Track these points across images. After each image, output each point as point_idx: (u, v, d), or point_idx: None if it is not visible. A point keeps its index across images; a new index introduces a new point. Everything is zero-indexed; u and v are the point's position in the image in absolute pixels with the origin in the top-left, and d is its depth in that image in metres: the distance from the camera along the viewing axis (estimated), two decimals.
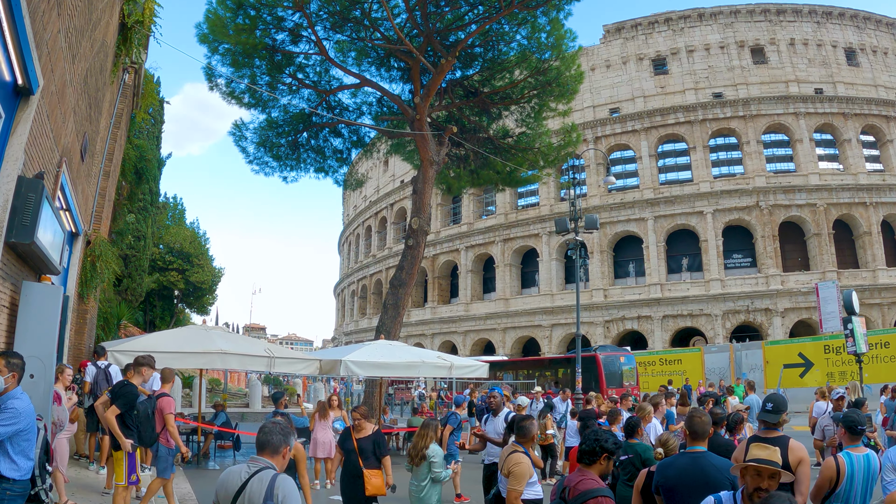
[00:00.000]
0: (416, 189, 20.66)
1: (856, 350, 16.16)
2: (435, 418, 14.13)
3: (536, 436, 6.62)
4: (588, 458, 4.58)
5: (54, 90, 5.46)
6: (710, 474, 4.78)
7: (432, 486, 7.40)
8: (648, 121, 52.90)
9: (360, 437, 7.63)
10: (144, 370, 8.85)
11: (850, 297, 16.39)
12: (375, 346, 15.35)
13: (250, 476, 3.93)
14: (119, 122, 11.93)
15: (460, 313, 59.25)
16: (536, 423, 6.57)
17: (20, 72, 4.35)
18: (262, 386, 29.46)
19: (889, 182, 47.61)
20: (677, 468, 4.94)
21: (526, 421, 6.52)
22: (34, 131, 4.98)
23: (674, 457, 5.17)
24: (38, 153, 5.37)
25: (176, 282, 38.33)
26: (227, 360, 12.14)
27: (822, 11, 53.36)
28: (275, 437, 4.05)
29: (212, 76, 20.21)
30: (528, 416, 6.72)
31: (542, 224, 54.88)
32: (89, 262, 10.84)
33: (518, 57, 20.46)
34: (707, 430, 5.16)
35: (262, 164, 22.46)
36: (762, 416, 5.90)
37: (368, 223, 75.98)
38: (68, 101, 6.26)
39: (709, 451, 5.06)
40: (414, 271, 20.37)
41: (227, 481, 3.99)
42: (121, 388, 8.65)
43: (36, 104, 4.70)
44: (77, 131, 7.35)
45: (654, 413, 9.55)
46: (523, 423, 6.47)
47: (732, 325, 46.56)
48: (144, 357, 9.11)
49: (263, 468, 3.97)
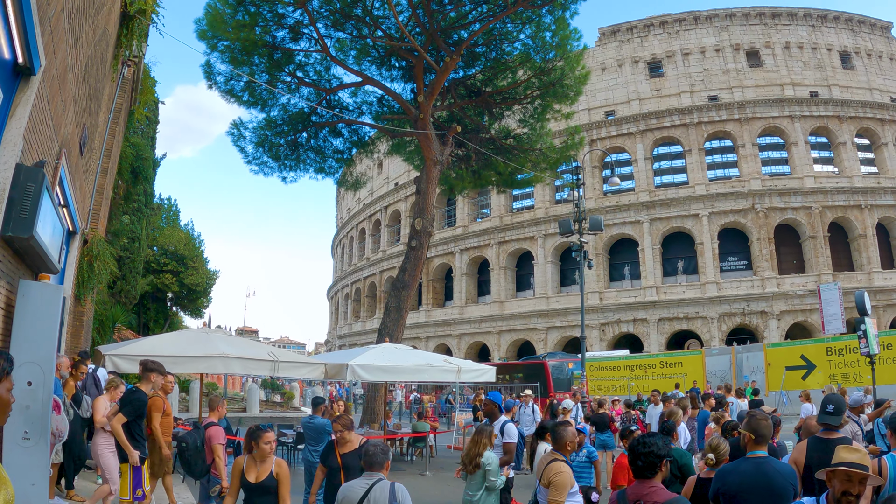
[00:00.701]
0: (419, 189, 20.33)
1: (869, 351, 15.91)
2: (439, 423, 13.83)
3: (574, 443, 6.26)
4: (649, 471, 4.25)
5: (55, 74, 5.14)
6: (774, 481, 4.51)
7: (487, 495, 6.96)
8: (644, 123, 52.82)
9: (344, 453, 6.95)
10: (153, 376, 8.41)
11: (863, 297, 16.16)
12: (381, 350, 14.97)
13: (370, 486, 4.98)
14: (117, 118, 11.59)
15: (455, 316, 58.95)
16: (573, 430, 6.23)
17: (21, 49, 4.03)
18: (259, 390, 28.99)
19: (884, 185, 47.70)
20: (740, 474, 4.63)
21: (561, 427, 6.10)
22: (34, 117, 4.66)
23: (735, 462, 4.84)
24: (38, 141, 5.04)
25: (170, 284, 37.88)
26: (230, 364, 11.69)
27: (817, 15, 53.45)
28: (379, 457, 5.16)
29: (210, 73, 19.88)
30: (565, 422, 6.31)
31: (538, 227, 54.72)
32: (86, 262, 10.48)
33: (521, 56, 20.17)
34: (770, 434, 4.89)
35: (260, 164, 22.12)
36: (823, 419, 5.69)
37: (362, 226, 75.60)
38: (69, 88, 5.94)
39: (771, 457, 4.80)
40: (417, 273, 20.03)
41: (349, 493, 5.05)
42: (129, 395, 8.17)
43: (37, 86, 4.38)
44: (77, 123, 7.03)
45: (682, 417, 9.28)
46: (559, 429, 6.06)
47: (728, 327, 46.46)
48: (153, 362, 8.70)
49: (380, 479, 5.05)
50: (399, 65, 21.64)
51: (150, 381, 8.38)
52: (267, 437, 6.12)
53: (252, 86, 20.02)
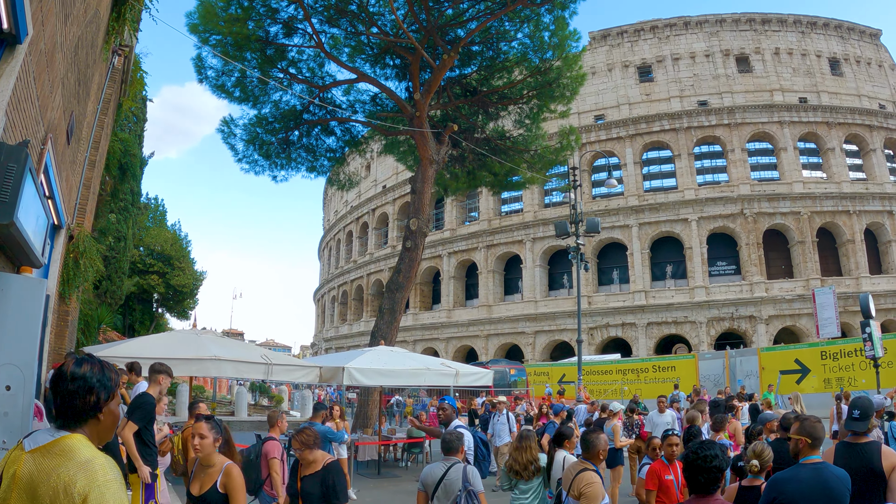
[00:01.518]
0: (414, 189, 19.91)
1: (874, 354, 15.72)
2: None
3: (607, 451, 5.88)
4: (713, 486, 3.87)
5: (43, 49, 4.75)
6: (833, 487, 4.19)
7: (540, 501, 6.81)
8: (633, 128, 52.81)
9: (305, 475, 5.80)
10: (162, 378, 7.90)
11: (867, 300, 15.98)
12: (377, 353, 14.51)
13: (448, 468, 5.73)
14: (106, 109, 11.15)
15: (442, 320, 58.62)
16: (606, 438, 5.85)
17: (6, 13, 3.64)
18: (248, 393, 28.41)
19: (872, 191, 47.91)
20: (799, 482, 4.28)
21: (593, 434, 5.71)
22: (18, 92, 4.27)
23: (792, 470, 4.49)
24: (22, 121, 4.64)
25: (156, 285, 37.28)
26: (222, 367, 11.25)
27: (807, 21, 53.71)
28: (455, 443, 5.92)
29: (201, 68, 19.41)
30: (596, 429, 5.90)
31: (526, 230, 54.57)
32: (72, 259, 10.02)
33: (519, 56, 19.86)
34: (823, 437, 4.59)
35: (251, 162, 21.61)
36: (850, 426, 5.36)
37: (349, 228, 75.15)
38: (57, 68, 5.55)
39: (827, 462, 4.50)
40: (412, 274, 19.58)
41: (431, 473, 5.82)
42: (138, 399, 7.56)
43: (22, 58, 4.00)
44: (64, 107, 6.63)
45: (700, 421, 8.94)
46: (590, 437, 5.66)
47: (717, 332, 46.44)
48: (161, 364, 8.21)
49: (456, 462, 5.79)
50: (393, 63, 21.27)
51: (158, 383, 7.89)
52: (200, 429, 4.81)
53: (243, 82, 19.58)
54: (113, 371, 2.57)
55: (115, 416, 2.51)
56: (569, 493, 5.49)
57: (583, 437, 5.79)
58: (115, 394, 2.52)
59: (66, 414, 2.35)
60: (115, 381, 2.55)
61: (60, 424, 2.35)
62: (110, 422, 2.47)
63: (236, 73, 19.66)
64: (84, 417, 2.36)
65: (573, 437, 7.28)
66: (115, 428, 2.57)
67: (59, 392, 2.36)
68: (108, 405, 2.44)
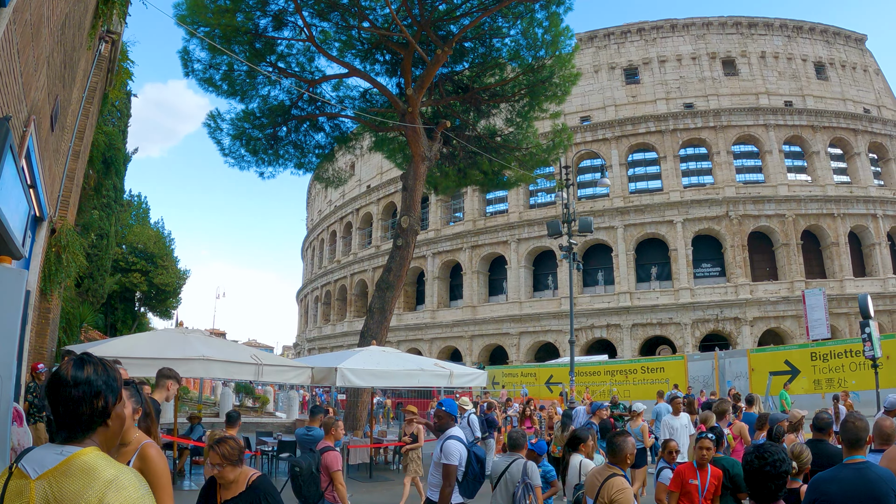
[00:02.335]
0: (405, 186, 19.52)
1: (874, 354, 15.57)
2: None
3: (634, 455, 5.54)
4: (781, 492, 3.56)
5: (29, 20, 4.40)
6: (877, 488, 3.92)
7: None
8: (619, 130, 52.77)
9: (226, 500, 4.61)
10: (170, 384, 7.29)
11: (866, 300, 15.80)
12: (369, 353, 14.12)
13: (510, 463, 6.29)
14: (92, 98, 10.72)
15: (426, 320, 58.28)
16: (632, 441, 5.50)
17: None
18: (232, 395, 27.88)
19: (856, 194, 48.24)
20: (841, 483, 4.02)
21: (620, 437, 5.35)
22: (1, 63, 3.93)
23: (833, 470, 4.22)
24: (3, 97, 4.29)
25: (139, 284, 36.68)
26: (210, 368, 10.79)
27: (793, 26, 54.00)
28: (520, 441, 6.52)
29: (188, 60, 18.93)
30: (623, 432, 5.51)
31: (511, 231, 54.38)
32: (54, 253, 9.58)
33: (512, 53, 19.58)
34: (866, 436, 4.32)
35: (237, 157, 21.12)
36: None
37: (333, 228, 74.63)
38: (43, 44, 5.18)
39: (870, 461, 4.23)
40: (403, 273, 19.18)
41: (496, 466, 6.43)
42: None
43: (6, 24, 3.65)
44: (49, 90, 6.26)
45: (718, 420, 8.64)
46: (618, 440, 5.31)
47: (702, 333, 46.48)
48: (169, 369, 7.70)
49: (518, 458, 6.33)
50: (384, 59, 20.93)
51: (166, 389, 7.28)
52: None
53: (231, 75, 19.15)
54: (116, 370, 2.26)
55: (123, 419, 2.24)
56: (596, 500, 5.15)
57: (609, 441, 5.46)
58: (121, 395, 2.23)
59: (72, 424, 2.06)
60: (121, 381, 2.25)
61: (66, 437, 2.05)
62: (118, 427, 2.20)
63: (224, 66, 19.23)
64: (92, 426, 2.08)
65: (589, 440, 6.97)
66: (121, 433, 2.29)
67: (61, 399, 2.05)
68: (116, 409, 2.17)
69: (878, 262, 47.31)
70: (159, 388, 7.32)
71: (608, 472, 5.20)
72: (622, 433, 5.49)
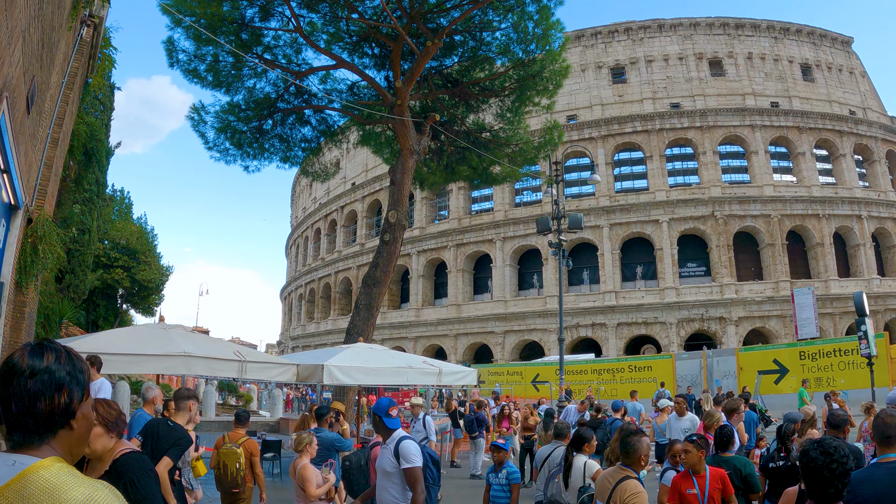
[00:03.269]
0: (393, 180, 19.17)
1: (869, 352, 15.45)
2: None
3: (648, 457, 5.25)
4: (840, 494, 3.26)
5: None
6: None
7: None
8: (605, 129, 52.75)
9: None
10: (192, 405, 6.88)
11: (861, 298, 15.72)
12: (357, 350, 13.76)
13: (553, 449, 7.10)
14: (72, 84, 10.31)
15: (411, 319, 58.02)
16: (647, 441, 5.21)
17: None
18: (215, 393, 27.41)
19: (841, 195, 48.52)
20: (874, 483, 3.72)
21: (634, 437, 5.02)
22: None
23: (866, 470, 3.96)
24: None
25: (121, 280, 36.09)
26: (192, 365, 10.32)
27: (780, 27, 54.22)
28: (564, 431, 7.36)
29: (173, 51, 18.50)
30: (637, 431, 5.19)
31: (496, 229, 54.24)
32: (30, 244, 9.20)
33: (502, 47, 19.29)
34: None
35: (222, 151, 20.64)
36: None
37: (318, 226, 74.16)
38: (17, 16, 4.86)
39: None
40: (390, 269, 18.83)
41: (541, 453, 7.28)
42: (172, 432, 6.27)
43: None
44: (25, 67, 5.92)
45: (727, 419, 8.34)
46: (632, 440, 4.97)
47: (687, 333, 46.55)
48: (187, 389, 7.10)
49: (560, 446, 7.03)
50: (372, 52, 20.60)
51: (188, 411, 6.80)
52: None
53: (217, 66, 18.72)
54: (83, 361, 1.85)
55: (90, 421, 1.81)
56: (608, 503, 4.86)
57: (622, 441, 5.12)
58: (88, 391, 1.78)
59: (27, 424, 1.63)
60: (88, 373, 1.79)
61: (18, 442, 1.62)
62: (85, 430, 1.77)
63: (209, 57, 18.81)
64: (53, 428, 1.66)
65: (593, 439, 6.72)
66: (88, 438, 1.85)
67: (14, 393, 1.63)
68: (82, 408, 1.74)
69: (862, 262, 47.62)
70: (180, 412, 6.77)
71: (621, 474, 4.90)
72: (637, 432, 5.14)
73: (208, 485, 9.04)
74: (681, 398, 11.83)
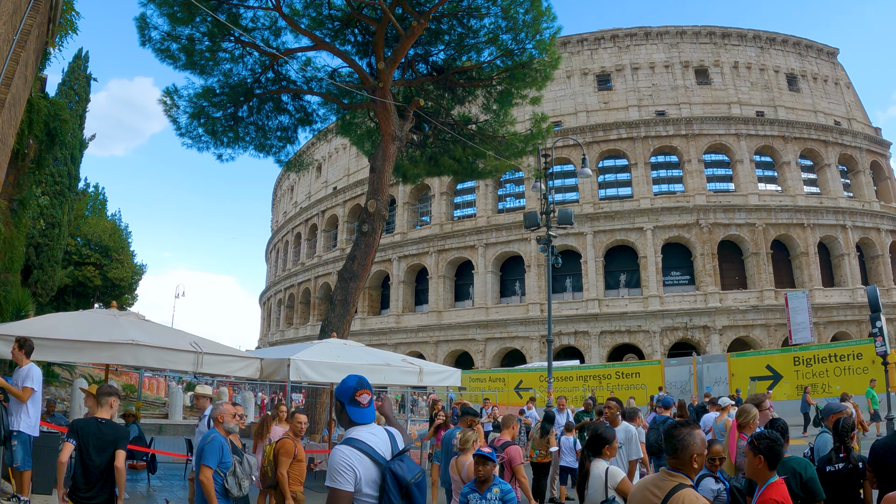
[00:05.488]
0: (373, 167, 18.19)
1: (885, 350, 14.72)
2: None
3: (704, 457, 3.76)
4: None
5: None
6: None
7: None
8: (590, 135, 52.33)
9: None
10: (113, 401, 6.68)
11: (875, 293, 15.01)
12: (328, 345, 12.67)
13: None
14: (25, 41, 9.38)
15: (391, 325, 57.16)
16: (702, 434, 3.75)
17: None
18: (183, 395, 26.20)
19: (826, 205, 48.45)
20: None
21: (684, 429, 3.70)
22: None
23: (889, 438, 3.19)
24: None
25: (92, 277, 34.97)
26: (140, 355, 9.21)
27: (766, 37, 54.27)
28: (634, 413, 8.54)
29: (145, 27, 17.48)
30: (688, 422, 3.83)
31: (479, 235, 53.63)
32: None
33: (490, 35, 18.51)
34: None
35: (194, 137, 19.59)
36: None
37: (298, 230, 73.20)
38: None
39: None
40: (368, 262, 17.79)
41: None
42: (100, 428, 6.39)
43: None
44: None
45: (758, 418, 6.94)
46: (679, 433, 3.67)
47: (671, 341, 46.10)
48: (109, 386, 6.91)
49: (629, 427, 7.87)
50: (355, 39, 19.75)
51: (109, 406, 6.60)
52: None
53: (191, 47, 17.76)
54: None
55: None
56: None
57: (668, 435, 3.78)
58: None
59: None
60: None
61: None
62: None
63: (184, 39, 17.89)
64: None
65: (615, 441, 5.55)
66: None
67: None
68: None
69: (846, 272, 47.47)
70: (102, 407, 6.62)
71: (670, 482, 3.57)
72: (687, 423, 3.82)
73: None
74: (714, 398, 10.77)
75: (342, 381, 3.72)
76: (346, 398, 3.60)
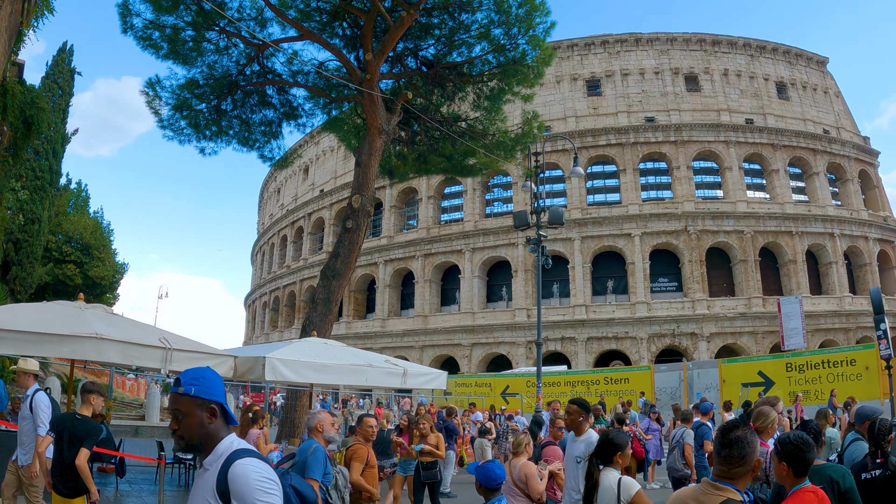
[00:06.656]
0: (359, 162, 17.68)
1: (889, 354, 14.36)
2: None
3: (762, 462, 3.37)
4: None
5: None
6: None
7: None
8: (579, 141, 51.96)
9: None
10: (93, 398, 6.85)
11: (879, 295, 14.73)
12: (307, 344, 12.06)
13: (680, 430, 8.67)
14: None
15: (377, 329, 56.59)
16: (758, 443, 3.18)
17: None
18: (160, 396, 25.53)
19: (814, 213, 48.55)
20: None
21: (740, 431, 3.15)
22: None
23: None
24: None
25: (73, 275, 34.26)
26: (104, 350, 8.56)
27: (756, 45, 54.40)
28: (689, 415, 9.14)
29: (127, 14, 16.93)
30: (743, 424, 3.25)
31: (466, 240, 53.25)
32: None
33: (482, 30, 18.10)
34: None
35: (176, 130, 18.99)
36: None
37: (284, 233, 72.57)
38: None
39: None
40: (352, 260, 17.22)
41: (673, 436, 8.87)
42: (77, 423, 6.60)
43: None
44: None
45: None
46: (736, 435, 3.12)
47: (658, 348, 45.89)
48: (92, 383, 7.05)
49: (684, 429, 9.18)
50: (343, 33, 19.30)
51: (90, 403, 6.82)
52: None
53: (174, 36, 17.21)
54: None
55: None
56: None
57: (724, 439, 3.19)
58: None
59: None
60: None
61: None
62: None
63: (168, 28, 17.39)
64: None
65: (627, 447, 4.92)
66: None
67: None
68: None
69: (834, 280, 47.50)
70: (84, 404, 6.81)
71: (716, 497, 3.01)
72: (741, 425, 3.25)
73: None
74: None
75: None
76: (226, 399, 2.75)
